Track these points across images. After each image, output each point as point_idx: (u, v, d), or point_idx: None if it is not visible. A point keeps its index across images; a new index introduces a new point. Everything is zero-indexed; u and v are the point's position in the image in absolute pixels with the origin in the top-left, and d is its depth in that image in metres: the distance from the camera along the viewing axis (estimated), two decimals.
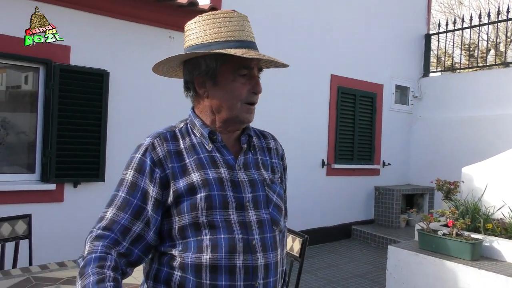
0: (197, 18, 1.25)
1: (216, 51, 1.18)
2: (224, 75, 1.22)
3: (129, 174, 1.19)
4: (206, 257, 1.13)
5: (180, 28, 4.64)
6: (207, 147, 1.24)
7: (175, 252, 1.16)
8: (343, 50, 6.68)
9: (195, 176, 1.18)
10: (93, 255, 1.08)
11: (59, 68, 3.93)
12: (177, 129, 1.28)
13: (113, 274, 1.06)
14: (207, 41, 1.21)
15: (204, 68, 1.22)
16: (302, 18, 6.12)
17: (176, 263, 1.16)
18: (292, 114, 6.00)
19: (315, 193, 6.32)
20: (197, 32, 1.23)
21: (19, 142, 4.04)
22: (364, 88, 7.02)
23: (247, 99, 1.24)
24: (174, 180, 1.17)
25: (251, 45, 1.23)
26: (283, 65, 1.32)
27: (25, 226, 2.59)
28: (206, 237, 1.15)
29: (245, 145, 1.30)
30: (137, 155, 1.21)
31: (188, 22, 1.28)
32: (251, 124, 1.36)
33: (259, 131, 1.43)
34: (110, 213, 1.16)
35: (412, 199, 7.51)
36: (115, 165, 4.19)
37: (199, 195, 1.16)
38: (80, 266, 1.08)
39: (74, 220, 4.03)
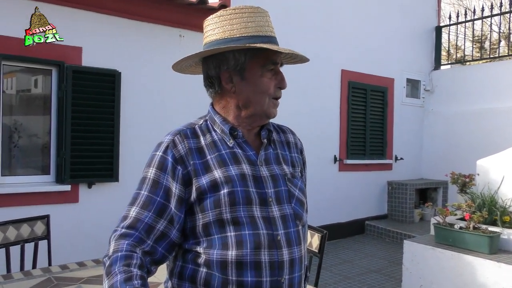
0: (221, 12, 1.24)
1: (256, 45, 1.17)
2: (252, 70, 1.22)
3: (151, 172, 1.18)
4: (232, 253, 1.12)
5: (190, 27, 4.68)
6: (228, 143, 1.23)
7: (199, 249, 1.16)
8: (353, 44, 6.63)
9: (218, 173, 1.17)
10: (119, 253, 1.08)
11: (71, 70, 3.95)
12: (196, 126, 1.27)
13: (139, 272, 1.06)
14: (235, 36, 1.20)
15: (232, 62, 1.21)
16: (312, 13, 6.09)
17: (201, 260, 1.15)
18: (303, 110, 5.97)
19: (328, 189, 6.29)
20: (223, 26, 1.21)
21: (33, 144, 4.08)
22: (375, 83, 6.97)
23: (275, 94, 1.26)
24: (196, 177, 1.17)
25: (275, 40, 1.25)
26: (303, 60, 1.32)
27: (43, 226, 2.61)
28: (231, 233, 1.14)
29: (265, 140, 1.29)
30: (158, 152, 1.20)
31: (210, 17, 1.26)
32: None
33: (277, 125, 1.42)
34: (133, 212, 1.16)
35: (426, 193, 7.45)
36: (129, 165, 4.22)
37: (222, 192, 1.15)
38: (106, 265, 1.08)
39: (89, 220, 4.06)
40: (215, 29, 1.23)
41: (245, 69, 1.21)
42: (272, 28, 1.26)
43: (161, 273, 1.69)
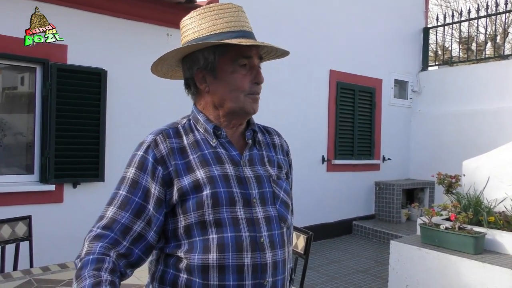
0: (192, 14, 1.23)
1: (213, 42, 1.16)
2: (223, 68, 1.19)
3: (131, 172, 1.16)
4: (213, 257, 1.10)
5: (178, 25, 4.58)
6: (211, 143, 1.21)
7: (180, 253, 1.14)
8: (341, 45, 6.65)
9: (200, 173, 1.15)
10: (91, 256, 1.05)
11: (56, 68, 3.89)
12: (180, 125, 1.25)
13: (110, 277, 1.02)
14: (203, 35, 1.19)
15: (202, 62, 1.20)
16: (300, 14, 6.09)
17: (182, 265, 1.13)
18: (291, 110, 5.97)
19: (316, 190, 6.29)
20: (193, 27, 1.21)
21: (17, 143, 4.01)
22: (363, 83, 7.00)
23: (250, 90, 1.21)
24: (178, 178, 1.14)
25: (248, 34, 1.21)
26: (284, 54, 1.28)
27: (25, 227, 2.56)
28: (212, 236, 1.12)
29: (250, 141, 1.27)
30: (139, 152, 1.18)
31: (183, 19, 1.26)
32: (255, 120, 1.34)
33: (263, 127, 1.40)
34: (110, 212, 1.13)
35: (413, 194, 7.51)
36: (115, 165, 4.17)
37: (205, 193, 1.13)
38: (77, 267, 1.05)
39: (74, 221, 4.01)
40: (186, 31, 1.23)
41: (216, 68, 1.19)
42: (245, 22, 1.22)
43: (143, 275, 1.66)
